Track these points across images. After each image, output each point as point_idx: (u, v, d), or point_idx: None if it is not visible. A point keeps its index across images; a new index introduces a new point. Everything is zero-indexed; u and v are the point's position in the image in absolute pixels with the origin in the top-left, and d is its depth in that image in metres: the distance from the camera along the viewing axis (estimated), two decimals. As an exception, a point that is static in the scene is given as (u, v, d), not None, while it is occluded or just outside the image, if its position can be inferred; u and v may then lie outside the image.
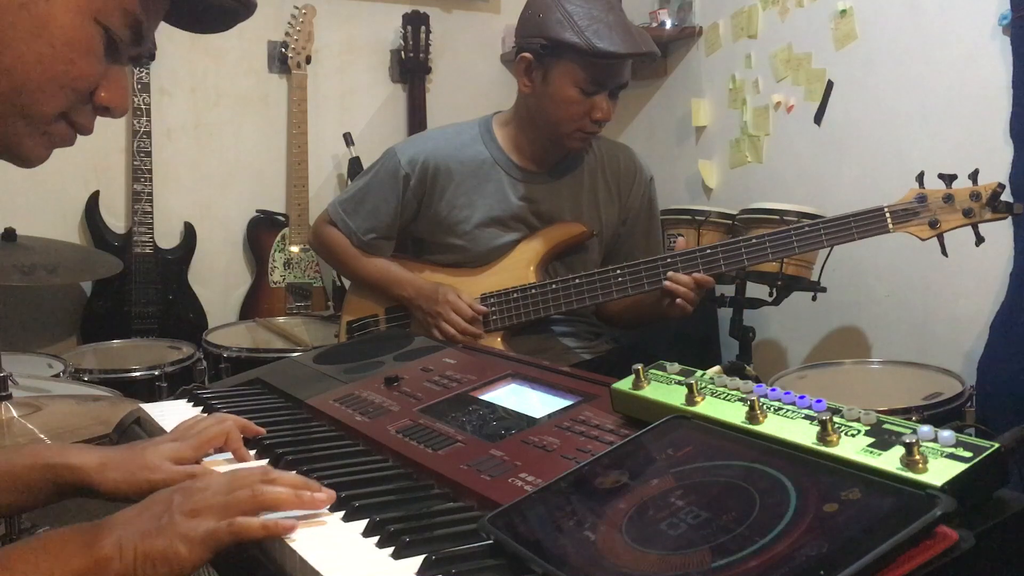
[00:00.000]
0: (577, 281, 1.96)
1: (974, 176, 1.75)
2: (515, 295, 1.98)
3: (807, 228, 1.84)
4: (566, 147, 2.00)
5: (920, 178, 1.79)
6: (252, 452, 1.10)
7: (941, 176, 1.77)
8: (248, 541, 0.83)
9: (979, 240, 1.77)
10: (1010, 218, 2.07)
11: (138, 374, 2.43)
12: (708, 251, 1.88)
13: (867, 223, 1.80)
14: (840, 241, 1.84)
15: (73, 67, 0.79)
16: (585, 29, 1.84)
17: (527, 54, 1.94)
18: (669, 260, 1.90)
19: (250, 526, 0.83)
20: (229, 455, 1.10)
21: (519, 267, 2.01)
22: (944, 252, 1.79)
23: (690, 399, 0.90)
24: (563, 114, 1.92)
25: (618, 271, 1.93)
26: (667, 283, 1.86)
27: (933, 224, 1.76)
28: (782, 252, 1.87)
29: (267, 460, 1.07)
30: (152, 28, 0.84)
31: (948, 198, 1.76)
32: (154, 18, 0.84)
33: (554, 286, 1.97)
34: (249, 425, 1.14)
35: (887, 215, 1.78)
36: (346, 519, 0.86)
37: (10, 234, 2.44)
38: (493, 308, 1.99)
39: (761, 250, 1.86)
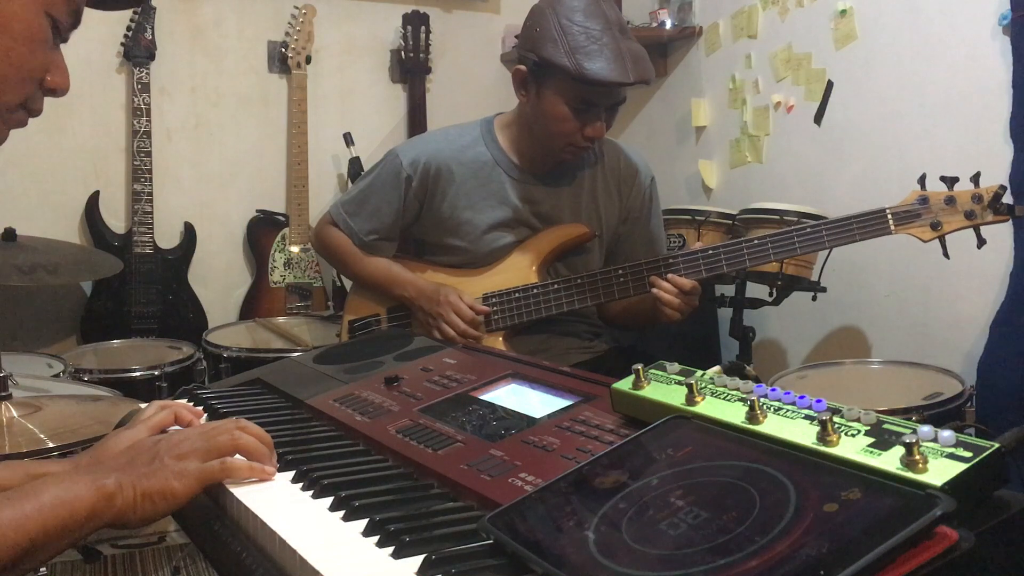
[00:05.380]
0: (579, 281, 1.96)
1: (976, 178, 1.75)
2: (517, 295, 1.98)
3: (809, 229, 1.84)
4: (559, 159, 2.00)
5: (922, 180, 1.79)
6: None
7: (943, 178, 1.77)
8: (237, 478, 0.96)
9: (981, 242, 1.78)
10: (1010, 219, 2.08)
11: (138, 374, 2.44)
12: (710, 252, 1.88)
13: (869, 224, 1.80)
14: (842, 242, 1.84)
15: (33, 58, 0.89)
16: (576, 51, 1.80)
17: (522, 67, 1.94)
18: (671, 261, 1.90)
19: (239, 465, 0.96)
20: None
21: (521, 268, 2.01)
22: (946, 254, 1.79)
23: (690, 399, 0.90)
24: (554, 129, 1.92)
25: (620, 271, 1.94)
26: (653, 289, 1.87)
27: (935, 226, 1.77)
28: (784, 253, 1.87)
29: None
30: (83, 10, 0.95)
31: (950, 200, 1.76)
32: (85, 1, 0.94)
33: (556, 286, 1.97)
34: (191, 408, 1.22)
35: (889, 216, 1.79)
36: (346, 519, 0.86)
37: (10, 234, 2.44)
38: (495, 308, 1.99)
39: (763, 251, 1.86)
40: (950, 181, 1.77)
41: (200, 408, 1.30)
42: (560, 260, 2.05)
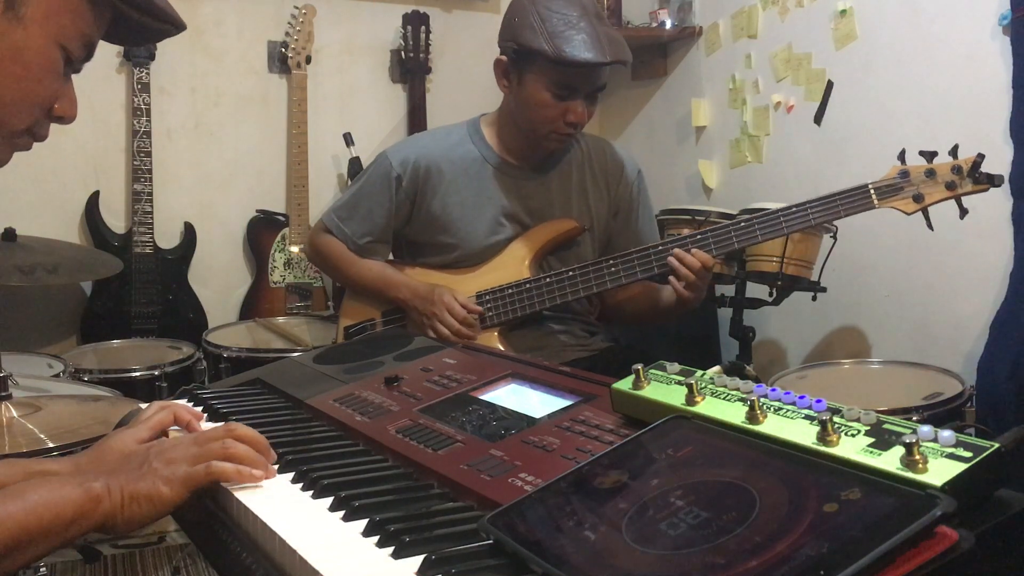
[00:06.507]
0: (571, 273, 1.97)
1: (954, 151, 1.78)
2: (510, 291, 1.99)
3: (795, 209, 1.87)
4: (544, 148, 2.01)
5: (902, 155, 1.82)
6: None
7: (922, 153, 1.80)
8: (223, 482, 0.96)
9: (963, 213, 1.80)
10: (1010, 218, 2.09)
11: (138, 374, 2.44)
12: (699, 236, 1.91)
13: (852, 200, 1.83)
14: (827, 219, 1.87)
15: (42, 86, 0.91)
16: (555, 36, 1.85)
17: (503, 57, 1.98)
18: (661, 248, 1.91)
19: (225, 469, 0.96)
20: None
21: (513, 264, 2.03)
22: (929, 226, 1.82)
23: (690, 399, 0.90)
24: (537, 117, 1.95)
25: (611, 261, 1.95)
26: (670, 258, 1.87)
27: (917, 198, 1.79)
28: (772, 233, 1.88)
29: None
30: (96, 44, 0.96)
31: (930, 172, 1.79)
32: (99, 36, 0.95)
33: (548, 280, 1.98)
34: (190, 408, 1.22)
35: (872, 191, 1.81)
36: (346, 519, 0.86)
37: (10, 234, 2.45)
38: (488, 305, 2.00)
39: (750, 232, 1.88)
40: (929, 155, 1.80)
41: (200, 408, 1.30)
42: (552, 255, 2.07)
